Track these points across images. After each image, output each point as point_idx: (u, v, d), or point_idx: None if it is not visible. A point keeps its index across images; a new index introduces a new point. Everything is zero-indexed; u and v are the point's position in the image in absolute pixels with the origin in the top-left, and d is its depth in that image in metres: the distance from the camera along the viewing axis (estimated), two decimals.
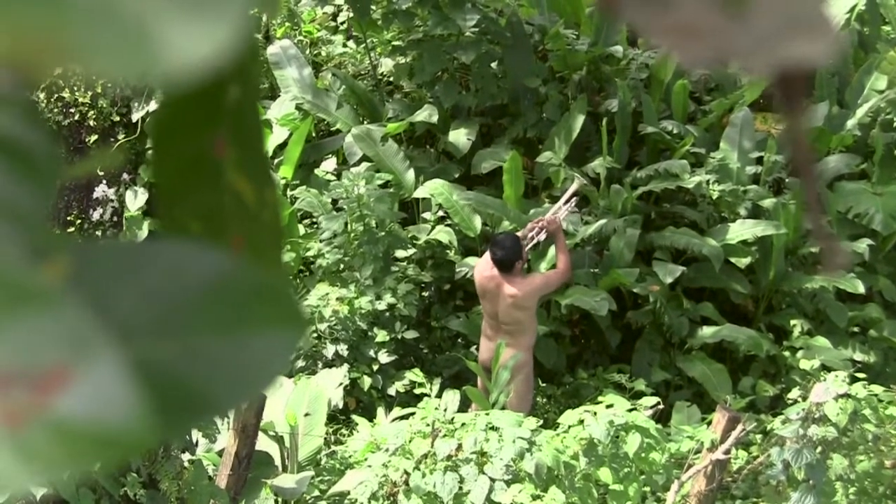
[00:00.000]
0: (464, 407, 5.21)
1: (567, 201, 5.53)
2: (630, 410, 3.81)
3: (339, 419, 5.49)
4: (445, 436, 3.76)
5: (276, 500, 4.34)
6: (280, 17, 7.55)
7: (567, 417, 3.88)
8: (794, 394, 4.14)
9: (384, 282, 5.93)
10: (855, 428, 3.81)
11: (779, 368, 5.88)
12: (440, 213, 6.34)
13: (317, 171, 6.75)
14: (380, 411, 5.41)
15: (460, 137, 6.80)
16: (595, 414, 3.77)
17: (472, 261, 5.88)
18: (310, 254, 6.28)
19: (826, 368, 5.25)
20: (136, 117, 7.06)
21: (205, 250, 0.34)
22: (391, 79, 7.47)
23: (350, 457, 4.76)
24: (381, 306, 5.80)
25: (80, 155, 6.65)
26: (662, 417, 4.80)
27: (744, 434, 3.90)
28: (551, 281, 5.22)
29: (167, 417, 0.31)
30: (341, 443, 5.22)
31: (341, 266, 6.14)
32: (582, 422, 3.76)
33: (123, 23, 0.26)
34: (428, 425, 3.86)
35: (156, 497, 3.40)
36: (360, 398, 5.63)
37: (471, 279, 5.56)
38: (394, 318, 5.85)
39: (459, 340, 6.16)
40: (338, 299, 5.77)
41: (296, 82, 6.99)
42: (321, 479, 4.57)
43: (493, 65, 6.92)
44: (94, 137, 7.00)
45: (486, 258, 5.19)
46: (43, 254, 0.29)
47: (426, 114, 6.69)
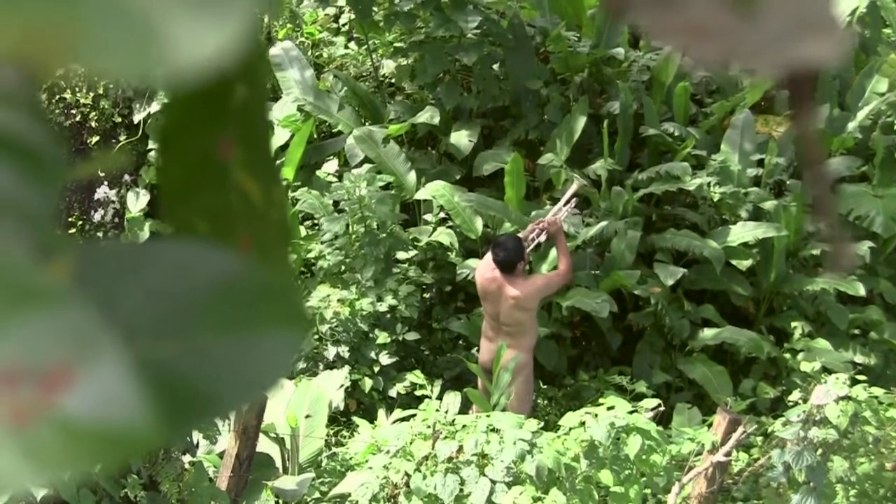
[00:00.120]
0: (465, 409, 5.22)
1: (567, 202, 5.53)
2: (631, 412, 3.81)
3: (340, 421, 5.49)
4: (446, 438, 3.76)
5: (277, 502, 4.34)
6: (282, 19, 7.55)
7: (568, 419, 3.88)
8: (795, 396, 4.14)
9: (385, 283, 5.93)
10: (855, 430, 3.81)
11: (779, 370, 5.88)
12: (441, 215, 6.34)
13: (318, 172, 6.75)
14: (381, 413, 5.41)
15: (462, 139, 6.80)
16: (596, 416, 3.77)
17: (473, 263, 5.87)
18: (311, 255, 6.28)
19: (827, 371, 5.25)
20: (137, 119, 7.08)
21: (210, 250, 0.34)
22: (393, 80, 7.47)
23: (351, 458, 4.76)
24: (383, 308, 5.80)
25: (81, 156, 6.65)
26: (663, 419, 4.79)
27: (744, 436, 3.89)
28: (553, 282, 5.23)
29: (172, 417, 0.31)
30: (342, 444, 5.22)
31: (342, 268, 6.14)
32: (583, 424, 3.76)
33: (130, 20, 0.26)
34: (429, 427, 3.86)
35: (156, 499, 3.40)
36: (361, 400, 5.63)
37: (472, 281, 5.56)
38: (395, 319, 5.85)
39: (460, 342, 6.16)
40: (339, 301, 5.77)
41: (297, 84, 6.99)
42: (322, 481, 4.57)
43: (495, 67, 6.92)
44: (96, 139, 7.01)
45: (487, 260, 5.18)
46: (49, 253, 0.29)
47: (428, 115, 6.70)
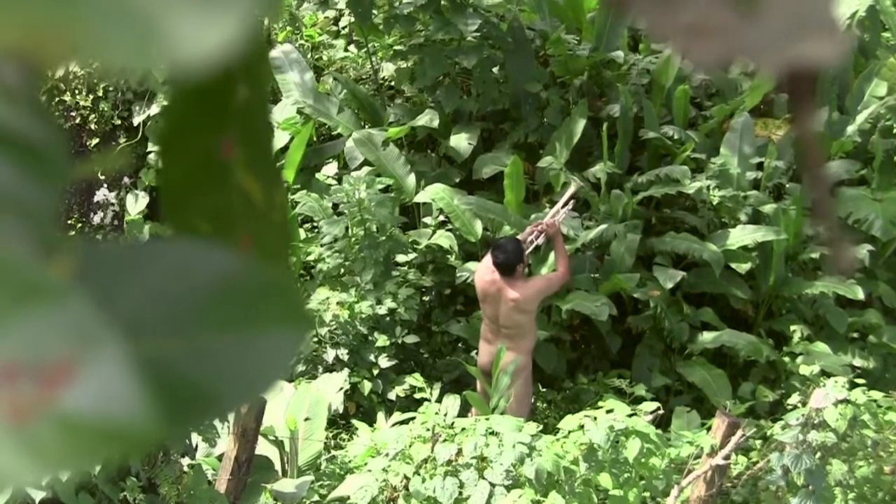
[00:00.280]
0: (464, 412, 5.21)
1: (565, 204, 5.54)
2: (630, 415, 3.81)
3: (340, 424, 5.49)
4: (445, 440, 3.76)
5: None
6: (281, 22, 7.55)
7: (567, 422, 3.88)
8: (794, 399, 4.15)
9: (385, 286, 5.93)
10: (854, 433, 3.81)
11: (778, 374, 5.88)
12: (441, 218, 6.34)
13: (318, 175, 6.75)
14: (380, 416, 5.41)
15: (461, 142, 6.80)
16: (595, 419, 3.77)
17: (472, 265, 5.87)
18: (310, 258, 6.28)
19: (825, 374, 5.25)
20: (137, 121, 7.08)
21: (211, 249, 0.34)
22: (392, 83, 7.48)
23: (350, 461, 4.75)
24: (382, 311, 5.79)
25: (81, 158, 6.65)
26: (662, 423, 4.79)
27: (743, 439, 3.89)
28: (552, 283, 5.23)
29: (172, 414, 0.31)
30: (341, 447, 5.22)
31: (342, 270, 6.14)
32: (582, 427, 3.76)
33: (132, 16, 0.26)
34: (428, 430, 3.85)
35: (155, 501, 3.40)
36: (360, 403, 5.62)
37: (471, 284, 5.56)
38: (394, 322, 5.85)
39: (460, 345, 6.15)
40: (338, 304, 5.77)
41: (297, 86, 6.99)
42: (321, 484, 4.56)
43: (495, 69, 6.92)
44: (96, 141, 7.01)
45: (486, 262, 5.18)
46: (50, 250, 0.29)
47: (427, 118, 6.70)
